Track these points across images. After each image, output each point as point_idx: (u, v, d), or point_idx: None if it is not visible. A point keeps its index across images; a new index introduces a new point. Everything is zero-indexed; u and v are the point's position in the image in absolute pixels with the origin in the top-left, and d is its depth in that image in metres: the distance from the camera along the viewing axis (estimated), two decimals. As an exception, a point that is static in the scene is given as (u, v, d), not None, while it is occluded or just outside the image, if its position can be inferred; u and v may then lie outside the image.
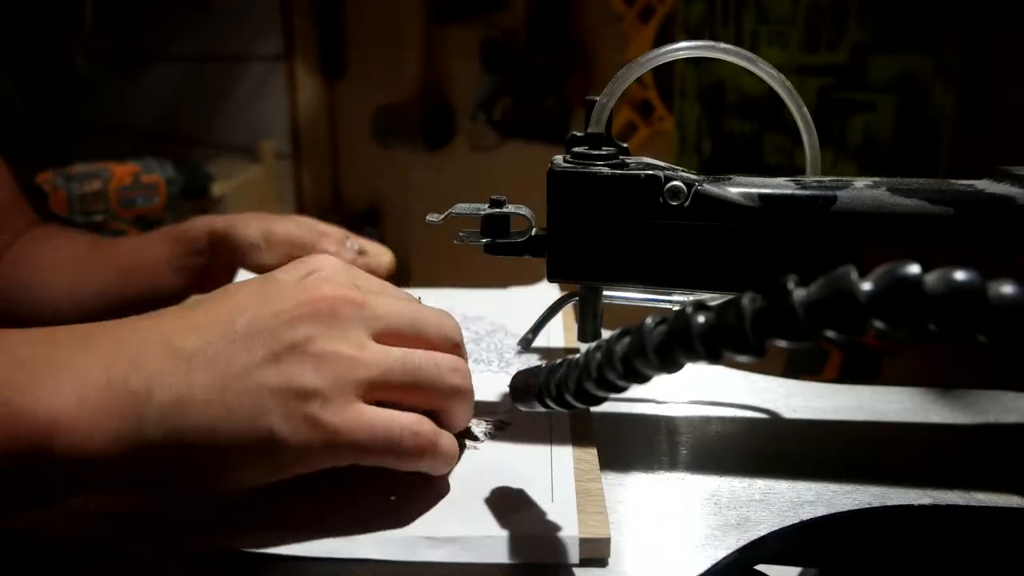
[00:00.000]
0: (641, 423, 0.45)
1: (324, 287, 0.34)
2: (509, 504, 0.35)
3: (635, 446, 0.43)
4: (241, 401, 0.31)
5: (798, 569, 0.42)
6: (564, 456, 0.39)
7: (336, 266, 0.37)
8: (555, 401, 0.32)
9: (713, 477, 0.40)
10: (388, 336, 0.35)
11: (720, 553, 0.34)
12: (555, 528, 0.33)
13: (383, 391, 0.34)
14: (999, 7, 0.84)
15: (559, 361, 0.32)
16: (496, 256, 0.42)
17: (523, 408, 0.35)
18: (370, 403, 0.33)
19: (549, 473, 0.37)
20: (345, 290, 0.34)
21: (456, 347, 0.37)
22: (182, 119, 1.90)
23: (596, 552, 0.33)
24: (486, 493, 0.36)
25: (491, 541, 0.32)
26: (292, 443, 0.31)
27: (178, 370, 0.31)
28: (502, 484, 0.36)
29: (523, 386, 0.34)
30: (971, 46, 0.83)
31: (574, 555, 0.32)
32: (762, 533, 0.35)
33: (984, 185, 0.38)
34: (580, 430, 0.41)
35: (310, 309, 0.33)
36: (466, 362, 0.37)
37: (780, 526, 0.36)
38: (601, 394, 0.29)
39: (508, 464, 0.38)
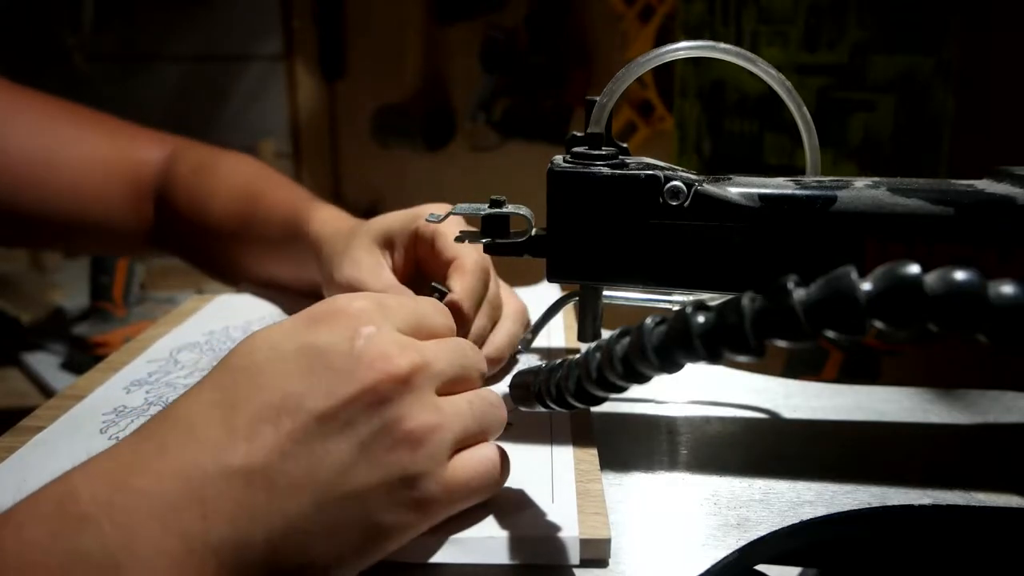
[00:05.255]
0: (641, 423, 0.45)
1: (385, 360, 0.30)
2: (510, 505, 0.35)
3: (635, 446, 0.43)
4: (343, 516, 0.28)
5: (798, 569, 0.42)
6: (565, 457, 0.39)
7: (375, 316, 0.32)
8: (555, 401, 0.32)
9: (713, 477, 0.40)
10: (446, 387, 0.33)
11: (720, 553, 0.34)
12: (555, 529, 0.33)
13: (463, 443, 0.32)
14: (999, 7, 0.84)
15: (559, 361, 0.32)
16: (496, 256, 0.43)
17: (523, 408, 0.35)
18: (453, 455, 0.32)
19: (550, 474, 0.37)
20: (407, 357, 0.30)
21: (482, 375, 0.36)
22: (182, 119, 1.90)
23: (596, 553, 0.33)
24: None
25: (492, 542, 0.32)
26: (403, 531, 0.30)
27: (257, 505, 0.27)
28: (504, 484, 0.36)
29: (523, 386, 0.34)
30: (971, 46, 0.83)
31: (575, 556, 0.32)
32: (762, 533, 0.35)
33: (984, 185, 0.38)
34: (581, 430, 0.41)
35: (386, 388, 0.29)
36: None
37: (780, 526, 0.36)
38: (601, 394, 0.29)
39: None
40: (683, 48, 0.40)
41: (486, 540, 0.32)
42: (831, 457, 0.42)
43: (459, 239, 0.43)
